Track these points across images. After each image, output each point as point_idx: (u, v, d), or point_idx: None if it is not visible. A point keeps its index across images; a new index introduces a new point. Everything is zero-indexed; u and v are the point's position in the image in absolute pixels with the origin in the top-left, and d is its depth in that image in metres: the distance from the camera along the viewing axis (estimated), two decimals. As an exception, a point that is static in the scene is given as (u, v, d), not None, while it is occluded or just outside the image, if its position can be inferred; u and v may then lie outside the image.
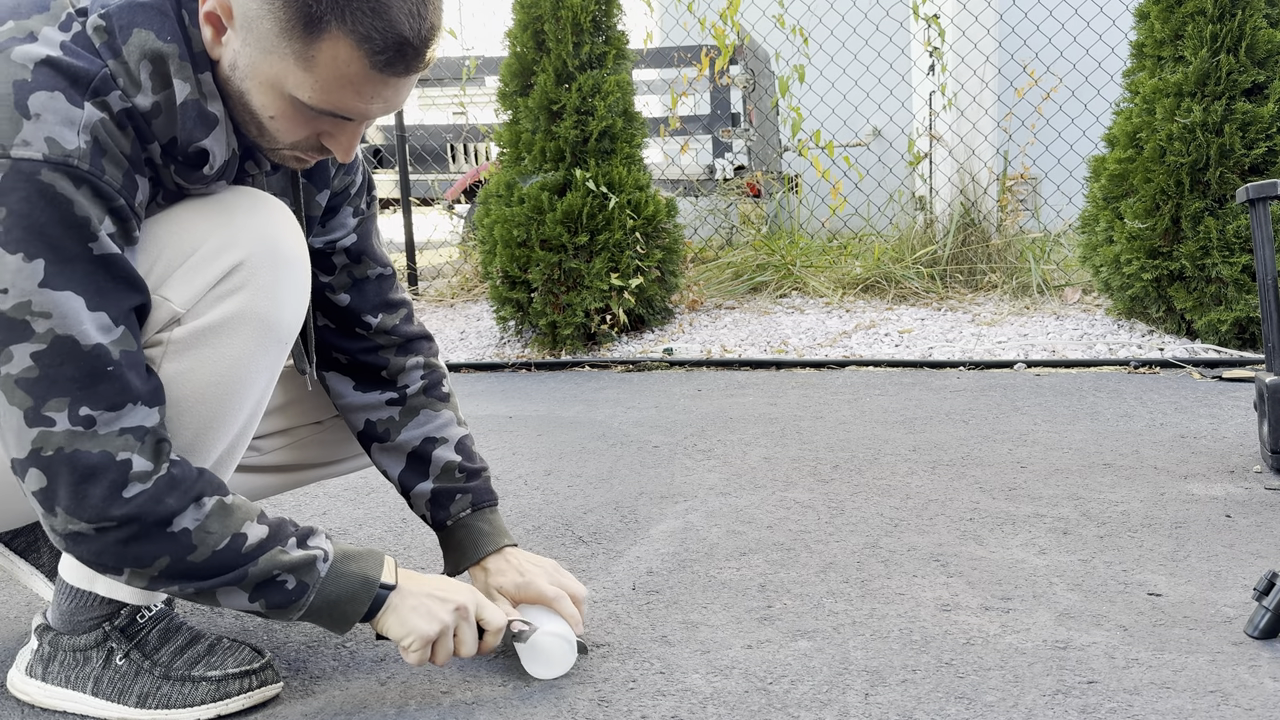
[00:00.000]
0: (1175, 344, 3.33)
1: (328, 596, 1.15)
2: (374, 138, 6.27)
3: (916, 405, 2.77)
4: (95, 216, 1.03)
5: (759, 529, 1.83)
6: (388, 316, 1.42)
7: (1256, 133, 3.16)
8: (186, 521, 1.08)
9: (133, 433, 1.06)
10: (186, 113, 1.08)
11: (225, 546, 1.10)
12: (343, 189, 1.37)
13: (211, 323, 1.13)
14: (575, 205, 3.58)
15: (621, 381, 3.32)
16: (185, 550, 1.08)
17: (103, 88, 1.04)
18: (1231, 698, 1.19)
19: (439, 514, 1.42)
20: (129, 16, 1.05)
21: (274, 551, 1.13)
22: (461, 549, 1.41)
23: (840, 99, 5.15)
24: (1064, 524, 1.80)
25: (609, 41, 3.75)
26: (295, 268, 1.19)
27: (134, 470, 1.05)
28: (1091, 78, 4.70)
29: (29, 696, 1.25)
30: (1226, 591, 1.49)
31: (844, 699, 1.22)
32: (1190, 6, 3.24)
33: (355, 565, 1.18)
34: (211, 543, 1.09)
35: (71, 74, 1.02)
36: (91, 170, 1.02)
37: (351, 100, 1.07)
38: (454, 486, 1.41)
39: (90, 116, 1.02)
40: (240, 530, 1.11)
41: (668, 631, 1.42)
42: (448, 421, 1.44)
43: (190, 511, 1.08)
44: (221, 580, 1.11)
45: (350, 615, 1.17)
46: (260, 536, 1.12)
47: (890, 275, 4.29)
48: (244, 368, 1.15)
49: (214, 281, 1.13)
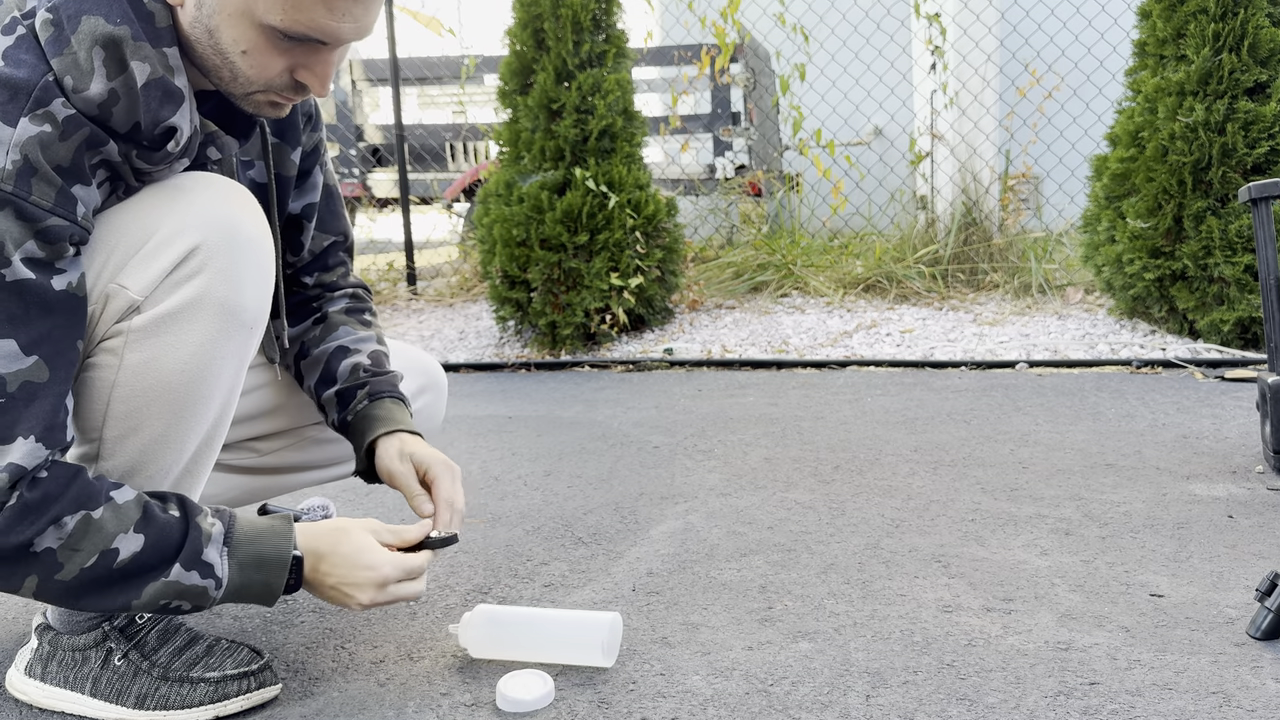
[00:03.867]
0: (1177, 344, 3.32)
1: (233, 598, 1.14)
2: (373, 137, 6.27)
3: (918, 405, 2.77)
4: (11, 240, 0.99)
5: (760, 530, 1.83)
6: (325, 275, 1.47)
7: (1259, 132, 3.15)
8: (48, 541, 1.04)
9: (11, 475, 1.02)
10: (150, 93, 1.06)
11: (94, 564, 1.05)
12: (313, 148, 1.38)
13: (170, 309, 1.10)
14: (575, 204, 3.58)
15: (621, 381, 3.31)
16: (51, 569, 1.04)
17: (44, 97, 1.00)
18: (1234, 699, 1.18)
19: (342, 413, 1.39)
20: (76, 6, 1.02)
21: (157, 583, 1.08)
22: (359, 439, 1.37)
23: (841, 97, 5.15)
24: (1066, 525, 1.79)
25: (609, 40, 3.75)
26: (255, 249, 1.15)
27: None
28: (1093, 76, 4.70)
29: (28, 696, 1.25)
30: (1229, 592, 1.48)
31: (845, 700, 1.22)
32: (1192, 5, 3.23)
33: (256, 577, 1.14)
34: (79, 560, 1.05)
35: (11, 86, 0.99)
36: (16, 191, 0.99)
37: (323, 18, 1.05)
38: (359, 381, 1.39)
39: (21, 134, 0.99)
40: (110, 546, 1.06)
41: (668, 633, 1.42)
42: (365, 338, 1.44)
43: (50, 533, 1.04)
44: (106, 603, 1.08)
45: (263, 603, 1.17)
46: (134, 550, 1.07)
47: (891, 275, 4.29)
48: (208, 354, 1.12)
49: (170, 267, 1.10)
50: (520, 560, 1.72)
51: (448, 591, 1.58)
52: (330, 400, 1.40)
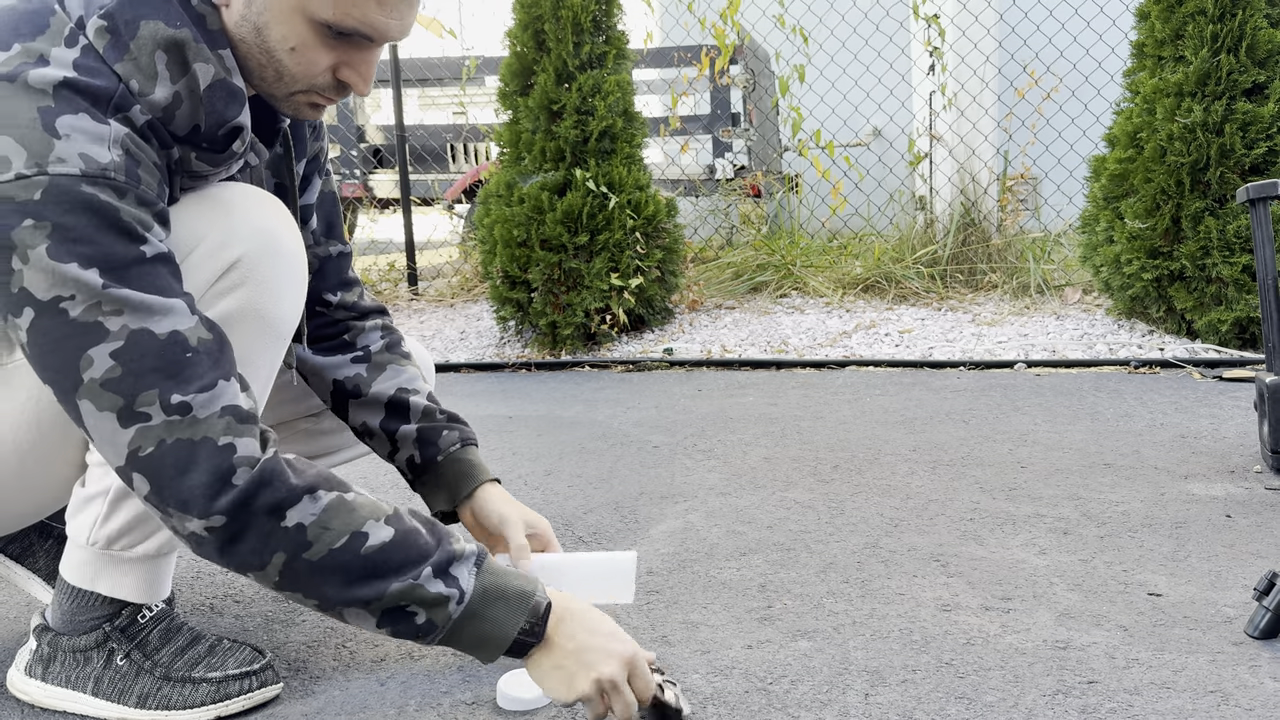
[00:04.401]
0: (1175, 344, 3.33)
1: (459, 639, 1.10)
2: (374, 138, 6.27)
3: (917, 405, 2.77)
4: (143, 221, 1.03)
5: (759, 529, 1.83)
6: (346, 294, 1.46)
7: (1257, 133, 3.16)
8: (300, 516, 1.03)
9: (231, 413, 1.03)
10: (215, 94, 1.08)
11: (343, 545, 1.04)
12: (314, 155, 1.39)
13: (212, 320, 1.12)
14: (575, 205, 3.58)
15: (621, 381, 3.32)
16: (300, 547, 1.03)
17: (124, 103, 1.04)
18: (1232, 698, 1.19)
19: (428, 450, 1.42)
20: (132, 11, 1.04)
21: (405, 583, 1.06)
22: (457, 481, 1.42)
23: (840, 99, 5.15)
24: (1064, 524, 1.80)
25: (609, 41, 3.75)
26: (293, 262, 1.19)
27: (238, 454, 1.02)
28: (1092, 77, 4.70)
29: (29, 696, 1.25)
30: (1227, 591, 1.49)
31: (844, 699, 1.22)
32: (1191, 6, 3.24)
33: (496, 610, 1.09)
34: (328, 540, 1.04)
35: (92, 94, 1.02)
36: (129, 181, 1.02)
37: (374, 13, 1.07)
38: (439, 424, 1.43)
39: (118, 131, 1.02)
40: (360, 529, 1.05)
41: (668, 631, 1.42)
42: (415, 376, 1.47)
43: (305, 503, 1.04)
44: (348, 595, 1.05)
45: (485, 657, 1.11)
46: (383, 539, 1.06)
47: (890, 275, 4.29)
48: (243, 363, 1.14)
49: (214, 278, 1.13)
50: (520, 560, 1.72)
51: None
52: (409, 436, 1.43)
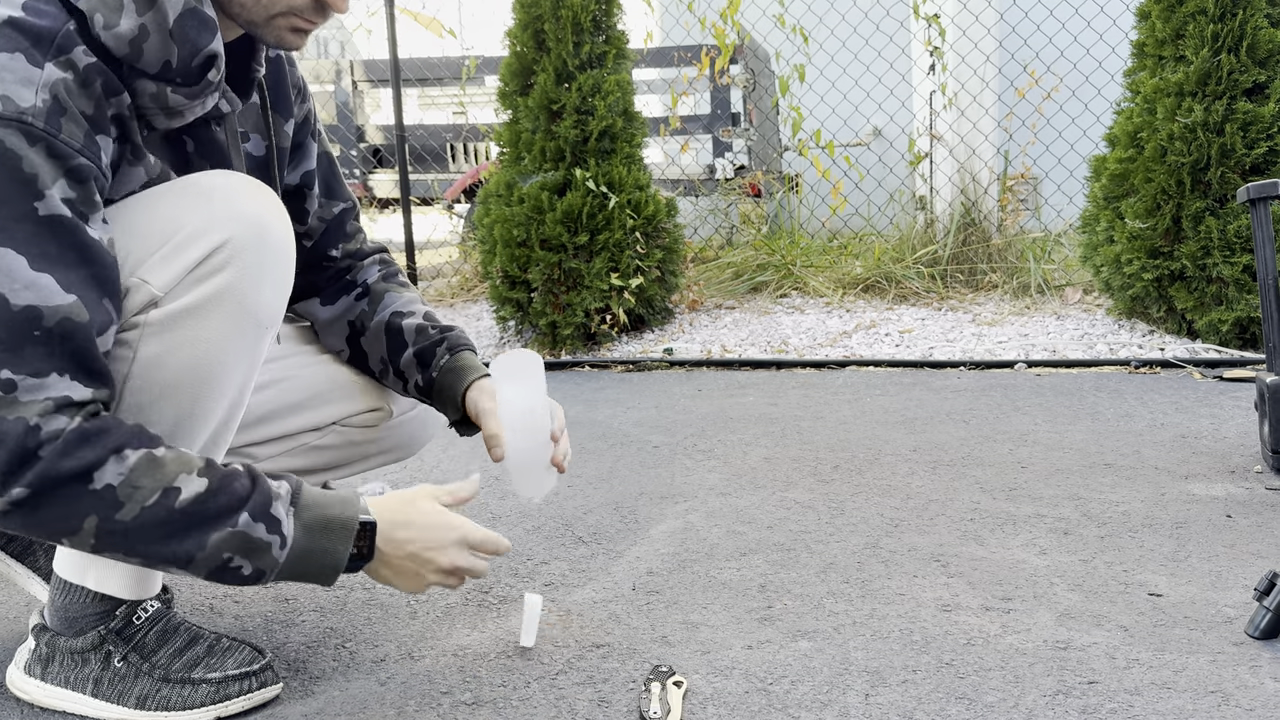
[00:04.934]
0: (1176, 344, 3.33)
1: (292, 576, 1.12)
2: (374, 137, 6.27)
3: (917, 405, 2.77)
4: (46, 175, 1.00)
5: (759, 529, 1.83)
6: (348, 245, 1.48)
7: (1257, 132, 3.16)
8: (109, 477, 1.01)
9: (57, 403, 1.00)
10: (187, 22, 1.07)
11: (156, 502, 1.03)
12: (304, 118, 1.40)
13: (189, 305, 1.10)
14: (575, 205, 3.58)
15: (621, 381, 3.32)
16: (112, 508, 1.02)
17: (67, 44, 1.02)
18: (1232, 698, 1.19)
19: (426, 373, 1.42)
20: None
21: (223, 532, 1.06)
22: (452, 391, 1.40)
23: (841, 98, 5.15)
24: (1065, 524, 1.80)
25: (609, 41, 3.75)
26: (280, 253, 1.16)
27: (45, 432, 0.99)
28: (1092, 77, 4.70)
29: (29, 695, 1.25)
30: (1227, 592, 1.49)
31: (844, 699, 1.22)
32: (1191, 6, 3.24)
33: (322, 541, 1.12)
34: (140, 498, 1.02)
35: (34, 33, 1.00)
36: (47, 128, 1.00)
37: None
38: (432, 341, 1.43)
39: (50, 75, 1.00)
40: (173, 484, 1.04)
41: (668, 632, 1.42)
42: (411, 300, 1.47)
43: (111, 464, 1.01)
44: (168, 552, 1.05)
45: (322, 584, 1.15)
46: (196, 491, 1.05)
47: (891, 275, 4.29)
48: (221, 351, 1.12)
49: (194, 263, 1.10)
50: (520, 559, 1.72)
51: (447, 590, 1.59)
52: (409, 362, 1.42)
